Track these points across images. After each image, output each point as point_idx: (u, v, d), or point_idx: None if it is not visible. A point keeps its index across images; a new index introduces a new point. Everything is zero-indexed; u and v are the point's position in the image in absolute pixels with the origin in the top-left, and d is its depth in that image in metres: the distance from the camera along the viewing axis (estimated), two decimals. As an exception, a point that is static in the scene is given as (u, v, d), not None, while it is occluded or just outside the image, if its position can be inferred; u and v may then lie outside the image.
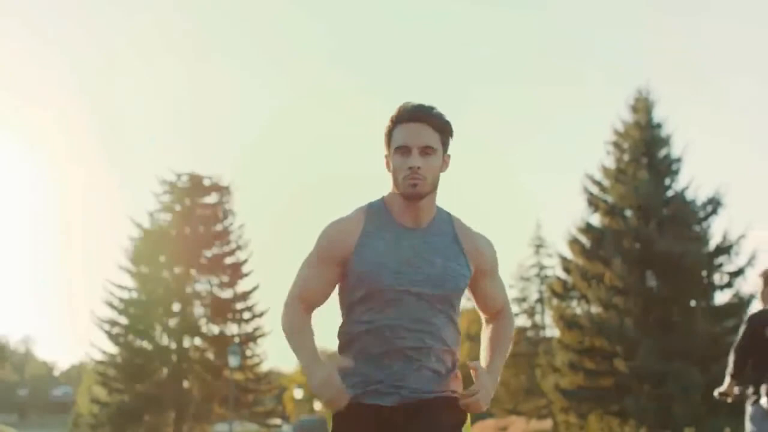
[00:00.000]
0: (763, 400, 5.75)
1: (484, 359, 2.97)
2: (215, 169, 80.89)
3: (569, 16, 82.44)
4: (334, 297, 2.92)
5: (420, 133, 2.78)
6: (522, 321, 39.86)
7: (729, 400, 6.08)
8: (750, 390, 5.92)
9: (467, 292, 2.96)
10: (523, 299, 39.91)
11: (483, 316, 3.08)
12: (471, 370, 2.85)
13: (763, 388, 5.77)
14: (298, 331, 2.86)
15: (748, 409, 5.92)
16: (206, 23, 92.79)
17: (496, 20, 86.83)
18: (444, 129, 2.84)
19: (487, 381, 2.83)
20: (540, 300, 39.66)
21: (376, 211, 2.88)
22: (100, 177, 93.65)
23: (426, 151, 2.78)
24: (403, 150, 2.78)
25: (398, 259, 2.80)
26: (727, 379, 6.09)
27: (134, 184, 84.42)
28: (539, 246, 40.28)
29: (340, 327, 2.91)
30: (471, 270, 2.87)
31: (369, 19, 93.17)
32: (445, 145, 2.85)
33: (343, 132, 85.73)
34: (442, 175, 2.85)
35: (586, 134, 73.32)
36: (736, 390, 5.99)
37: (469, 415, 2.87)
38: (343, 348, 2.89)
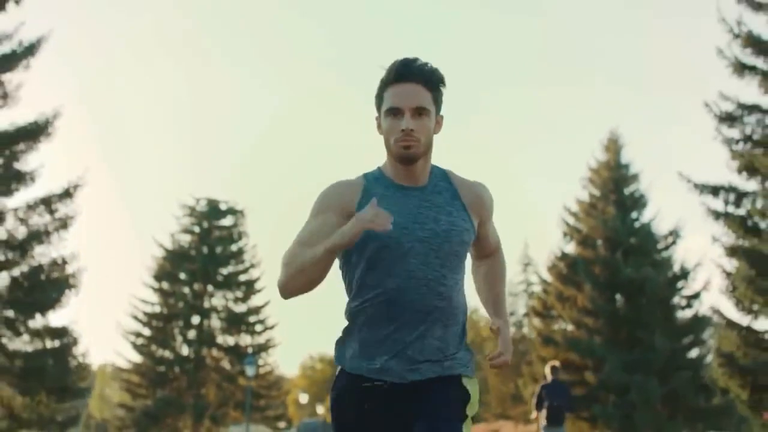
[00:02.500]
0: (543, 422, 12.26)
1: (486, 300, 3.05)
2: (215, 173, 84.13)
3: (570, 20, 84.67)
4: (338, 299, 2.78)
5: (412, 94, 2.72)
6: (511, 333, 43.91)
7: (536, 422, 12.38)
8: (541, 416, 12.38)
9: None
10: (512, 313, 44.05)
11: (473, 259, 3.11)
12: (492, 331, 2.89)
13: (543, 414, 12.26)
14: (305, 251, 2.67)
15: (541, 429, 12.42)
16: (205, 26, 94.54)
17: (495, 24, 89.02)
18: (436, 86, 2.78)
19: (507, 334, 2.88)
20: (527, 314, 43.70)
21: (373, 176, 2.86)
22: (99, 181, 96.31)
23: (418, 112, 2.72)
24: (395, 112, 2.73)
25: (404, 214, 2.76)
26: (534, 412, 12.56)
27: (135, 188, 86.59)
28: (527, 264, 44.44)
29: (347, 305, 2.85)
30: (474, 223, 2.87)
31: (369, 22, 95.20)
32: (437, 103, 2.79)
33: (345, 137, 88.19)
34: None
35: (586, 136, 76.15)
36: (539, 416, 12.44)
37: (470, 418, 2.84)
38: (351, 323, 2.83)
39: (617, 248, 30.18)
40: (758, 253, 18.68)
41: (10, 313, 18.20)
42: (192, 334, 38.06)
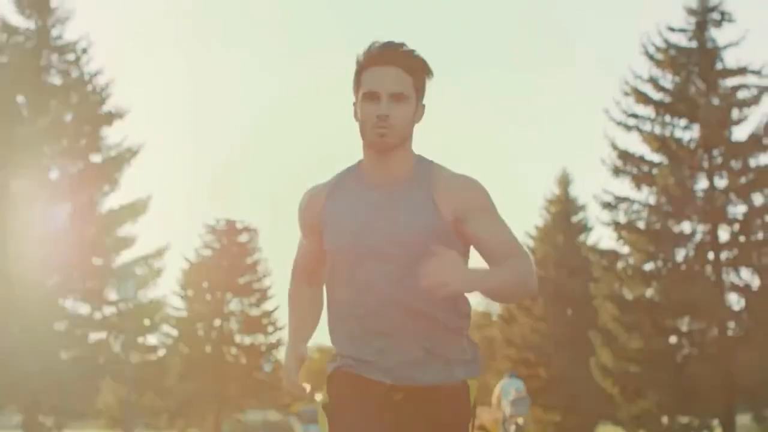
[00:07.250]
0: None
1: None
2: (216, 169, 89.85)
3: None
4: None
5: (390, 77, 2.65)
6: (492, 333, 52.69)
7: None
8: None
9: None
10: (489, 314, 52.92)
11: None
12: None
13: None
14: (291, 308, 3.02)
15: None
16: (209, 17, 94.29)
17: (487, 5, 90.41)
18: (418, 71, 2.69)
19: (453, 256, 2.50)
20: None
21: (347, 172, 2.80)
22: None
23: (396, 97, 2.65)
24: (371, 96, 2.65)
25: (357, 220, 2.70)
26: None
27: (135, 188, 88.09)
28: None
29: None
30: (443, 216, 2.66)
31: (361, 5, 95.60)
32: (419, 90, 2.71)
33: (345, 130, 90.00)
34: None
35: (574, 120, 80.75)
36: None
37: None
38: (329, 325, 2.84)
39: (564, 267, 38.91)
40: (621, 297, 27.82)
41: (122, 337, 27.05)
42: (214, 335, 45.78)
